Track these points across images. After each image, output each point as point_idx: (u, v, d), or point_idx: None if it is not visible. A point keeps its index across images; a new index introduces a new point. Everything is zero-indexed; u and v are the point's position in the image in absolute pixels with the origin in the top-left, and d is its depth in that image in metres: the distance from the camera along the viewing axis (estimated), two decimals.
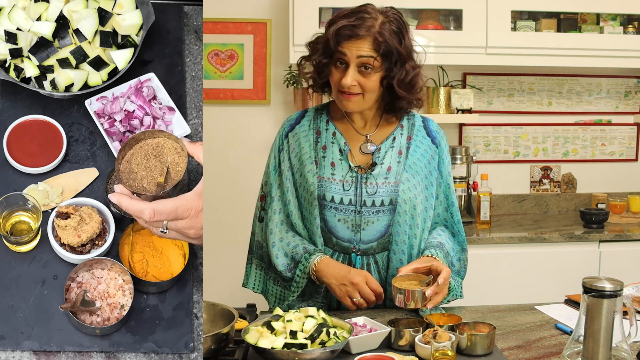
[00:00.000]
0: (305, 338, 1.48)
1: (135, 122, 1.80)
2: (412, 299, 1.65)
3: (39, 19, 1.77)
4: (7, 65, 1.74)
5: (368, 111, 1.86)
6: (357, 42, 1.73)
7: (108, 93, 1.82)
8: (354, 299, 1.77)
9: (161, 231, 1.48)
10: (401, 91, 1.79)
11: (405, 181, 1.84)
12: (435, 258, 1.78)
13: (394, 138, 1.89)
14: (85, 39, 1.77)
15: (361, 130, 1.89)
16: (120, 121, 1.79)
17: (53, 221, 1.69)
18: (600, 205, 3.45)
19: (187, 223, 1.46)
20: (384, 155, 1.86)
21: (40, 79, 1.75)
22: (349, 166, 1.86)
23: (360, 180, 1.85)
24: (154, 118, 1.82)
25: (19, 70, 1.73)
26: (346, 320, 1.62)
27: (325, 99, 2.11)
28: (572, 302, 1.95)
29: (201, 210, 1.46)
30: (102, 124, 1.79)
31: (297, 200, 1.91)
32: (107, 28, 1.79)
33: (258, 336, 1.51)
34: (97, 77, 1.78)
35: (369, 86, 1.77)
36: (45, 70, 1.74)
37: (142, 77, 1.85)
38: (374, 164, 1.85)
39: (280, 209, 1.92)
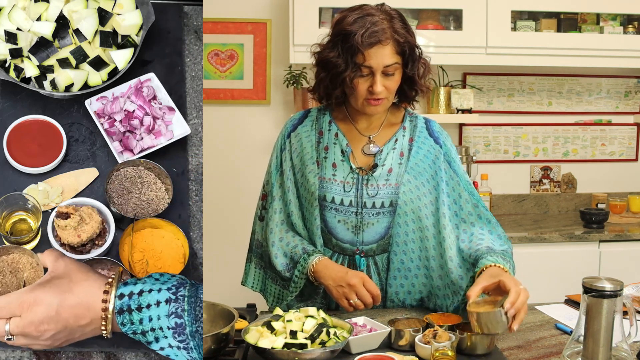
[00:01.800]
0: (305, 338, 1.49)
1: (135, 122, 1.80)
2: (494, 321, 1.47)
3: (39, 19, 1.77)
4: (7, 65, 1.74)
5: None
6: (380, 50, 1.72)
7: (108, 93, 1.82)
8: (351, 301, 1.76)
9: (7, 339, 1.33)
10: (421, 83, 1.83)
11: (407, 182, 1.84)
12: (499, 267, 1.67)
13: (396, 140, 1.88)
14: (85, 39, 1.77)
15: (364, 131, 1.89)
16: (120, 121, 1.79)
17: (53, 221, 1.69)
18: (600, 205, 3.45)
19: (24, 320, 1.32)
20: (385, 156, 1.86)
21: (40, 79, 1.75)
22: (351, 167, 1.86)
23: (361, 182, 1.85)
24: (154, 118, 1.82)
25: (19, 70, 1.73)
26: (346, 320, 1.62)
27: None
28: (572, 302, 1.95)
29: (35, 304, 1.31)
30: (102, 124, 1.80)
31: (298, 200, 1.91)
32: (107, 28, 1.79)
33: (258, 336, 1.52)
34: (97, 77, 1.78)
35: (393, 87, 1.79)
36: (45, 70, 1.74)
37: (142, 77, 1.85)
38: (375, 166, 1.85)
39: (281, 209, 1.92)
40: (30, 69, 1.73)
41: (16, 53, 1.72)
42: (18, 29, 1.74)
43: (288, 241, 1.88)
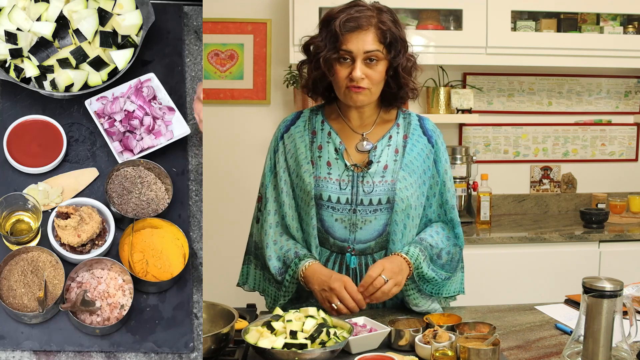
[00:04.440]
0: (305, 338, 1.49)
1: (135, 122, 1.80)
2: (484, 358, 1.47)
3: (39, 19, 1.77)
4: (7, 65, 1.74)
5: (367, 108, 1.86)
6: (361, 35, 1.73)
7: (108, 93, 1.82)
8: (333, 305, 1.75)
9: None
10: (405, 78, 1.82)
11: (402, 179, 1.84)
12: (400, 256, 1.79)
13: (390, 136, 1.88)
14: (85, 39, 1.77)
15: (357, 129, 1.89)
16: (120, 121, 1.79)
17: (53, 221, 1.69)
18: (600, 205, 3.45)
19: None
20: (380, 153, 1.86)
21: (40, 79, 1.75)
22: (345, 165, 1.86)
23: (356, 179, 1.85)
24: (154, 118, 1.82)
25: (19, 70, 1.73)
26: (346, 320, 1.62)
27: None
28: (572, 302, 1.95)
29: None
30: (102, 124, 1.80)
31: (293, 201, 1.90)
32: (107, 28, 1.79)
33: (258, 336, 1.52)
34: (97, 77, 1.78)
35: (376, 78, 1.78)
36: (45, 70, 1.74)
37: (142, 77, 1.85)
38: (370, 162, 1.85)
39: (275, 210, 1.91)
40: (30, 69, 1.74)
41: (16, 53, 1.72)
42: (18, 29, 1.74)
43: (282, 245, 1.87)
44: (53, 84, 1.75)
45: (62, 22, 1.77)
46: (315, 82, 1.86)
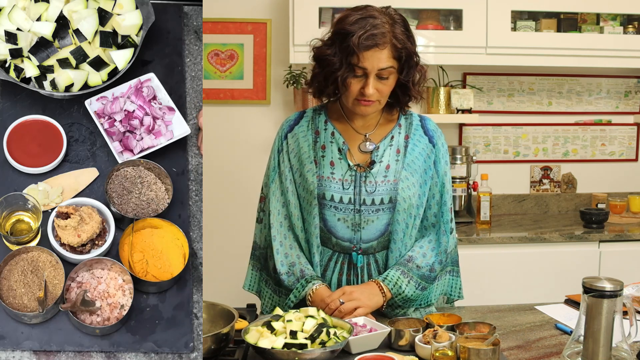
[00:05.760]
0: (305, 338, 1.49)
1: (135, 122, 1.80)
2: (484, 358, 1.47)
3: (39, 19, 1.77)
4: (7, 65, 1.74)
5: None
6: (376, 53, 1.72)
7: (108, 93, 1.82)
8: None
9: None
10: (414, 90, 1.83)
11: (405, 179, 1.85)
12: (377, 283, 1.80)
13: (392, 137, 1.89)
14: (85, 39, 1.77)
15: (360, 129, 1.89)
16: (120, 121, 1.79)
17: (53, 221, 1.69)
18: (600, 205, 3.45)
19: None
20: (382, 153, 1.86)
21: (40, 79, 1.75)
22: (348, 165, 1.86)
23: (359, 179, 1.85)
24: (154, 118, 1.82)
25: (19, 70, 1.74)
26: (346, 320, 1.62)
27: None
28: (572, 302, 1.95)
29: None
30: (102, 124, 1.80)
31: (297, 201, 1.90)
32: (107, 28, 1.79)
33: (258, 336, 1.52)
34: (97, 77, 1.78)
35: (386, 91, 1.79)
36: (45, 70, 1.74)
37: (142, 77, 1.85)
38: (372, 162, 1.85)
39: (279, 211, 1.91)
40: (30, 69, 1.74)
41: (16, 53, 1.72)
42: (18, 29, 1.74)
43: (286, 252, 1.87)
44: (53, 84, 1.75)
45: (62, 22, 1.77)
46: (321, 89, 1.86)
